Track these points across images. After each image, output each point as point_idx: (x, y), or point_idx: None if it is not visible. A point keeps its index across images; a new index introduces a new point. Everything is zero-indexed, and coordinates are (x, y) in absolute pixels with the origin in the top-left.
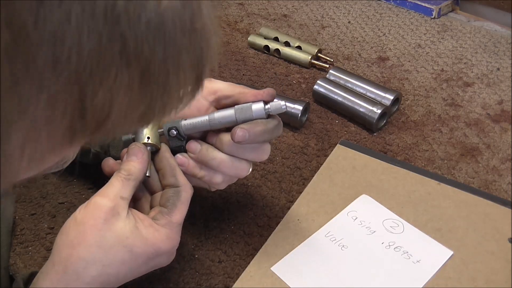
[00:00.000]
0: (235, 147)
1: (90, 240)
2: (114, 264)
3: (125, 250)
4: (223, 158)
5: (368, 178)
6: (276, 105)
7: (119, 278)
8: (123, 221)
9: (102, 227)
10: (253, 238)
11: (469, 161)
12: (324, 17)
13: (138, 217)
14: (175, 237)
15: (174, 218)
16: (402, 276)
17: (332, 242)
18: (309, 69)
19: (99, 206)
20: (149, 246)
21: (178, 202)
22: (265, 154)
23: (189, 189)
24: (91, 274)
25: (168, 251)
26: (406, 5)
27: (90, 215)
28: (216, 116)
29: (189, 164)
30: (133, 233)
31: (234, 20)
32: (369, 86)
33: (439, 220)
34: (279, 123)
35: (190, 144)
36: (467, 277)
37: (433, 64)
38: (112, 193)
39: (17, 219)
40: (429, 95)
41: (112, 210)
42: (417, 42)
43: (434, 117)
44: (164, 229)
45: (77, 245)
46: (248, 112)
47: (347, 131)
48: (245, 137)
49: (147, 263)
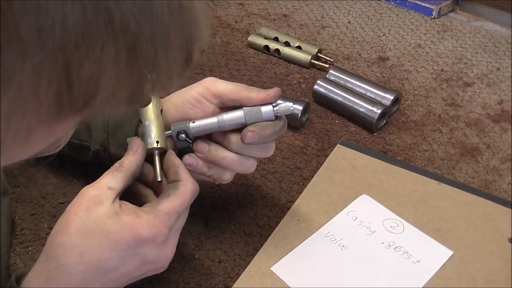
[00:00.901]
0: (243, 147)
1: (71, 227)
2: (92, 251)
3: (102, 236)
4: (232, 157)
5: (368, 178)
6: (284, 107)
7: (101, 270)
8: (104, 208)
9: (83, 214)
10: (253, 238)
11: (469, 161)
12: (324, 17)
13: (125, 206)
14: (158, 226)
15: (161, 206)
16: (402, 276)
17: (332, 242)
18: (309, 69)
19: (83, 195)
20: (127, 231)
21: (172, 193)
22: (270, 151)
23: (190, 185)
24: (70, 262)
25: (149, 239)
26: (406, 5)
27: (75, 203)
28: (225, 118)
29: (197, 164)
30: (111, 218)
31: (234, 20)
32: (369, 86)
33: (439, 220)
34: (285, 123)
35: (198, 144)
36: (467, 277)
37: (433, 64)
38: (100, 182)
39: (17, 219)
40: (429, 95)
41: (94, 198)
42: (417, 42)
43: (434, 117)
44: (146, 216)
45: (59, 232)
46: (258, 114)
47: (347, 131)
48: (254, 138)
49: (131, 255)
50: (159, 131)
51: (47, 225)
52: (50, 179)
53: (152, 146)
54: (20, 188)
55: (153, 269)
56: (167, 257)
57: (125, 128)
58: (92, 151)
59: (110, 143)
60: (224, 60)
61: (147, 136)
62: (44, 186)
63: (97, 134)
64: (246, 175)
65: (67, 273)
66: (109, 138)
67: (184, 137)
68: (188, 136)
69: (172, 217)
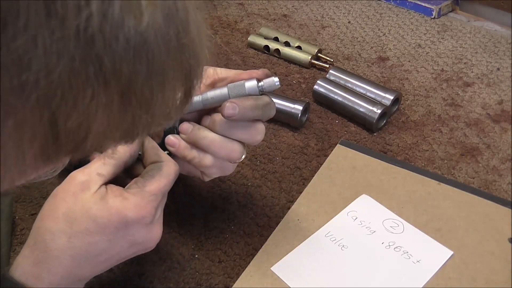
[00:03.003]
0: (227, 126)
1: (58, 212)
2: (79, 236)
3: (89, 221)
4: (214, 137)
5: (368, 178)
6: (269, 82)
7: (91, 253)
8: (91, 194)
9: (70, 199)
10: (253, 238)
11: (469, 161)
12: (324, 17)
13: (111, 190)
14: (146, 207)
15: (148, 188)
16: (402, 276)
17: (332, 242)
18: (309, 69)
19: (72, 179)
20: (114, 215)
21: (157, 174)
22: (258, 135)
23: (172, 165)
24: (58, 247)
25: (137, 220)
26: (406, 5)
27: (62, 188)
28: (209, 94)
29: (179, 145)
30: (98, 203)
31: (234, 20)
32: (369, 86)
33: (439, 220)
34: (272, 103)
35: (182, 125)
36: (467, 277)
37: (433, 64)
38: (89, 168)
39: (17, 219)
40: (429, 95)
41: (82, 184)
42: (417, 42)
43: (434, 117)
44: (133, 197)
45: (46, 217)
46: (241, 89)
47: (347, 131)
48: (235, 110)
49: (120, 237)
50: None
51: None
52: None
53: None
54: (20, 188)
55: (142, 249)
56: (155, 237)
57: None
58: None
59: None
60: (224, 60)
61: None
62: (44, 186)
63: None
64: (246, 175)
65: (55, 257)
66: None
67: None
68: None
69: (158, 197)
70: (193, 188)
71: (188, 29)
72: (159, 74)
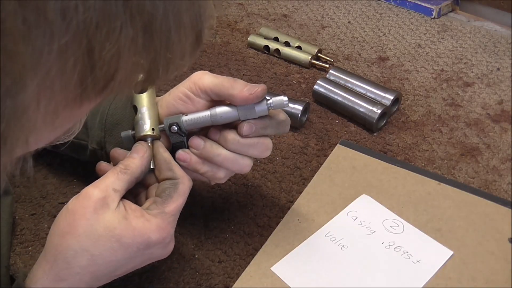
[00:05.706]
0: (239, 145)
1: (79, 229)
2: (103, 254)
3: (113, 240)
4: (227, 155)
5: (368, 178)
6: (278, 101)
7: (110, 269)
8: (112, 212)
9: (91, 216)
10: (253, 238)
11: (469, 161)
12: (324, 17)
13: (130, 208)
14: (166, 228)
15: (168, 209)
16: (402, 276)
17: (332, 242)
18: (309, 69)
19: (89, 196)
20: (138, 237)
21: (174, 193)
22: (267, 151)
23: (187, 181)
24: (80, 264)
25: (159, 242)
26: (406, 5)
27: (80, 204)
28: (218, 111)
29: (191, 160)
30: (122, 223)
31: (234, 20)
32: (369, 86)
33: (439, 220)
34: (286, 119)
35: (193, 140)
36: (467, 277)
37: (433, 64)
38: (104, 184)
39: (17, 219)
40: (429, 95)
41: (101, 201)
42: (417, 42)
43: (434, 117)
44: (155, 219)
45: (66, 234)
46: (252, 113)
47: (347, 131)
48: (252, 129)
49: (140, 255)
50: (155, 120)
51: (47, 225)
52: (50, 179)
53: (147, 133)
54: (20, 188)
55: (155, 260)
56: (169, 251)
57: (123, 127)
58: (90, 150)
59: (107, 141)
60: (224, 60)
61: (142, 122)
62: (44, 186)
63: (94, 132)
64: (246, 175)
65: (77, 274)
66: (106, 136)
67: (177, 129)
68: (180, 129)
69: (176, 216)
70: (193, 188)
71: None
72: (174, 12)
